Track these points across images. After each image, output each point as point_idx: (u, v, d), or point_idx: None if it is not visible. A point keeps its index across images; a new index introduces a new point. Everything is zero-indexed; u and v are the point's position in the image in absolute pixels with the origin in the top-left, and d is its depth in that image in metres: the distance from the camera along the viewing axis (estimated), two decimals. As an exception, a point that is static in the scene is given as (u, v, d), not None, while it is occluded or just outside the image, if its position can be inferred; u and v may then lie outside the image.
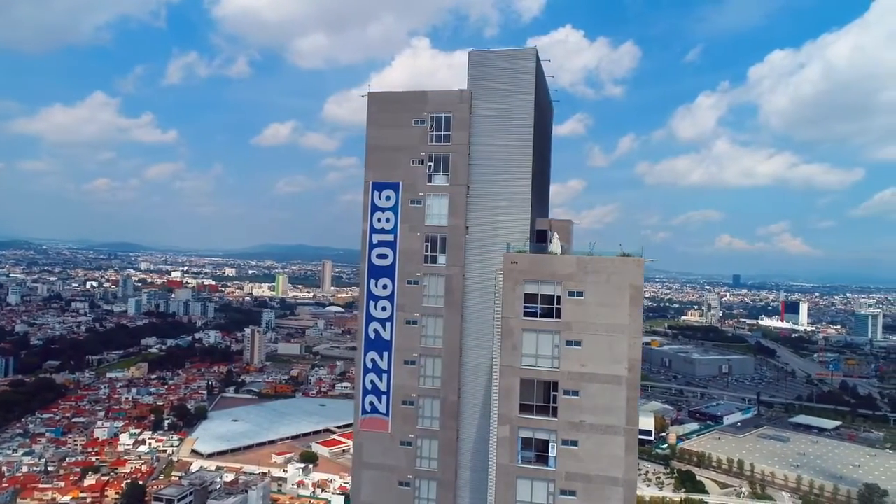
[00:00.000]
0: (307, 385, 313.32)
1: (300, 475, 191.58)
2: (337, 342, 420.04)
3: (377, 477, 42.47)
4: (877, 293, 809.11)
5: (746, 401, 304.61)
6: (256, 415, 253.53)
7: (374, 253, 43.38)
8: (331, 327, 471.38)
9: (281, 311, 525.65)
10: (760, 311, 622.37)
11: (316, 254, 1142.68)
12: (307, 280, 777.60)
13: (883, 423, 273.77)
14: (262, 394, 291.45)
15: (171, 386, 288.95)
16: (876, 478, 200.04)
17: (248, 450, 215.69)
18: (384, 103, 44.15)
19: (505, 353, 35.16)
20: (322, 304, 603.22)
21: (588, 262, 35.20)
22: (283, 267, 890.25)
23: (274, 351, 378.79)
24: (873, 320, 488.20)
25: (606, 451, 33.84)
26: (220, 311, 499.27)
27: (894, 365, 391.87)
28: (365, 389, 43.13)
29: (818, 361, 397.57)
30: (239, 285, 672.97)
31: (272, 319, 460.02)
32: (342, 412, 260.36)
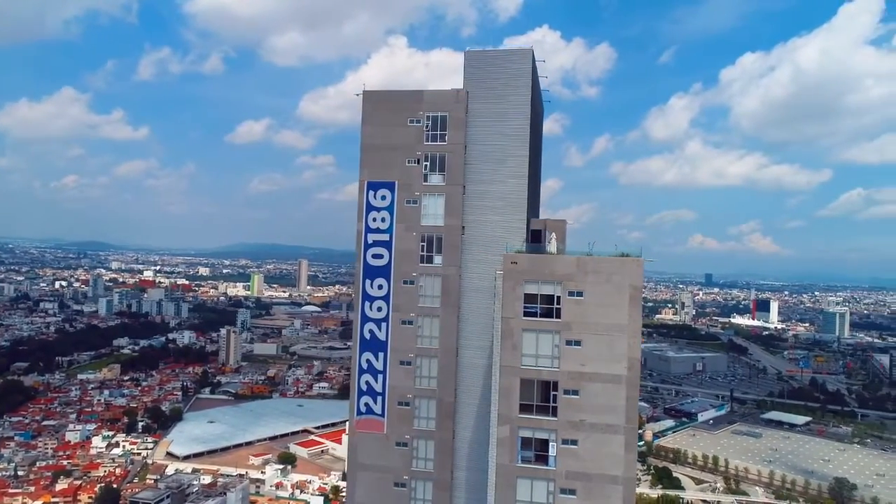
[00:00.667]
0: (284, 385, 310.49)
1: (278, 476, 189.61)
2: (314, 342, 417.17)
3: (373, 478, 42.18)
4: (843, 291, 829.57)
5: (720, 398, 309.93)
6: (233, 416, 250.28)
7: (370, 253, 43.05)
8: (307, 327, 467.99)
9: (256, 310, 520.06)
10: (732, 310, 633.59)
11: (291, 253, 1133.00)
12: (283, 279, 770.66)
13: (851, 419, 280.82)
14: (239, 394, 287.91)
15: (144, 387, 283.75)
16: (845, 472, 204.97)
17: (225, 451, 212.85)
18: (379, 102, 43.83)
19: (505, 353, 35.20)
20: (298, 303, 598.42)
21: (588, 263, 35.42)
22: (257, 266, 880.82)
23: (250, 351, 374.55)
24: (841, 318, 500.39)
25: (606, 449, 34.10)
26: (194, 310, 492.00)
27: (861, 362, 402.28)
28: (360, 390, 42.77)
29: (788, 359, 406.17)
30: (213, 285, 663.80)
31: (248, 319, 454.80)
32: (320, 413, 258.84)
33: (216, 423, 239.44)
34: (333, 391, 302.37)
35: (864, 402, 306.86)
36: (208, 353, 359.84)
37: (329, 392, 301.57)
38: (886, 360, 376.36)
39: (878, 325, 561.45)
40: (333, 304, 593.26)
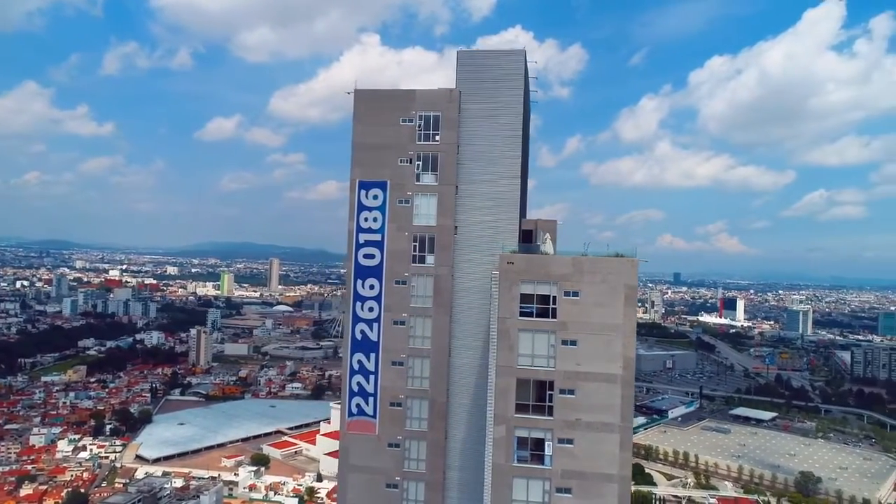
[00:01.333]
0: (256, 386, 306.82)
1: (252, 478, 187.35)
2: (286, 342, 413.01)
3: (364, 480, 41.86)
4: (806, 290, 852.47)
5: (689, 394, 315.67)
6: (204, 417, 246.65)
7: (361, 253, 42.69)
8: (279, 327, 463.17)
9: (227, 310, 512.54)
10: (700, 308, 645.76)
11: (262, 252, 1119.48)
12: (253, 279, 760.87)
13: (815, 414, 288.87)
14: (210, 396, 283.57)
15: (112, 389, 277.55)
16: (810, 465, 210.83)
17: (197, 454, 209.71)
18: (371, 101, 43.49)
19: (501, 353, 35.26)
20: (269, 303, 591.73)
21: (584, 263, 35.69)
22: (227, 265, 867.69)
23: (220, 352, 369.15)
24: (804, 316, 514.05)
25: (602, 448, 34.41)
26: (163, 310, 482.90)
27: (824, 358, 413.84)
28: (351, 391, 42.39)
29: (754, 356, 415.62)
30: (182, 284, 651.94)
31: (218, 319, 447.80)
32: (293, 413, 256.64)
33: (187, 424, 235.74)
34: (306, 392, 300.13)
35: (827, 398, 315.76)
36: (178, 353, 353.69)
37: (302, 392, 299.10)
38: (848, 357, 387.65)
39: (840, 322, 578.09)
40: (305, 304, 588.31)
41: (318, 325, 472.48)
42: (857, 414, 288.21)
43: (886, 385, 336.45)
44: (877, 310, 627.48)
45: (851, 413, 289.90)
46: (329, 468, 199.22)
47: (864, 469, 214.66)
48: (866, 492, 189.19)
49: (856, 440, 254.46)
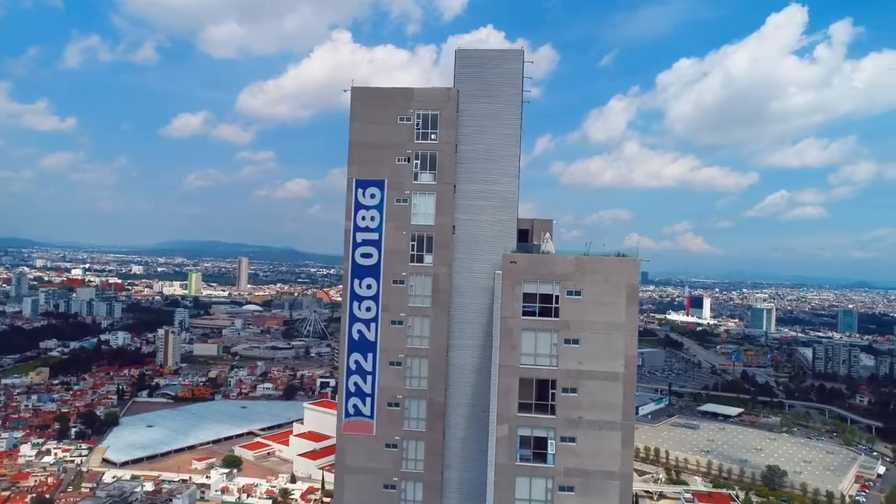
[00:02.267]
0: (227, 387, 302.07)
1: (224, 480, 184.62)
2: (256, 342, 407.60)
3: (361, 481, 41.50)
4: (768, 288, 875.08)
5: (659, 391, 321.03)
6: (173, 419, 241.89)
7: (358, 252, 42.28)
8: (249, 326, 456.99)
9: (195, 310, 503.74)
10: (668, 306, 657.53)
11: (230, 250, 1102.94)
12: (222, 278, 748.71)
13: (779, 409, 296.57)
14: (179, 397, 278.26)
15: (76, 391, 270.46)
16: (776, 459, 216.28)
17: (166, 456, 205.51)
18: (368, 99, 43.08)
19: (504, 353, 35.36)
20: (239, 302, 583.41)
21: (586, 262, 36.01)
22: (194, 264, 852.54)
23: (189, 352, 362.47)
24: (767, 314, 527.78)
25: (604, 446, 34.78)
26: (128, 310, 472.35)
27: (787, 355, 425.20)
28: (348, 392, 41.96)
29: (721, 353, 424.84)
30: (147, 283, 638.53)
31: (186, 319, 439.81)
32: (265, 414, 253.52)
33: (155, 427, 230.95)
34: (278, 392, 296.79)
35: (790, 394, 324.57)
36: (145, 354, 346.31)
37: (274, 393, 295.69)
38: (810, 353, 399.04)
39: (801, 320, 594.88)
40: (275, 303, 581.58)
41: (288, 324, 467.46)
42: (819, 409, 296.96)
43: (846, 380, 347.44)
44: (836, 308, 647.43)
45: (814, 408, 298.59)
46: (303, 469, 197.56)
47: (827, 462, 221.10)
48: (829, 485, 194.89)
49: (818, 434, 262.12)
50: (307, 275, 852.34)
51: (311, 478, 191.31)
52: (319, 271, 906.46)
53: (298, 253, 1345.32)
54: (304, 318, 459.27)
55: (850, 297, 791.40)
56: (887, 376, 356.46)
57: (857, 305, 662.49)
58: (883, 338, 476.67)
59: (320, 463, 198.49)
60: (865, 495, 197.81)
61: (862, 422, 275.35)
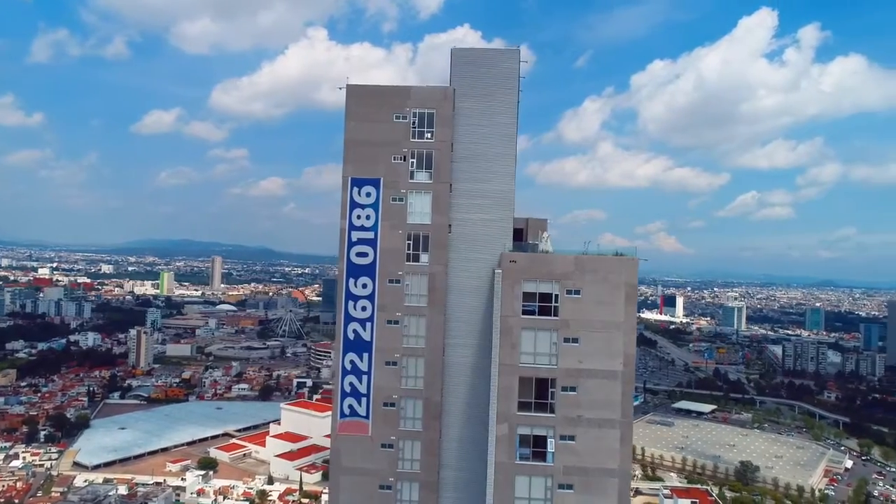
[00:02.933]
0: (201, 388, 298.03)
1: (200, 483, 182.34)
2: (231, 342, 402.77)
3: (356, 482, 41.15)
4: (739, 287, 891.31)
5: (634, 389, 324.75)
6: (146, 421, 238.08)
7: (354, 251, 41.88)
8: (223, 326, 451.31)
9: (167, 310, 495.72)
10: (642, 305, 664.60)
11: (203, 249, 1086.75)
12: (194, 277, 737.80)
13: (751, 406, 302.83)
14: (152, 398, 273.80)
15: (45, 394, 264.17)
16: (748, 455, 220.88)
17: (139, 459, 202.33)
18: (363, 97, 42.68)
19: (504, 352, 35.41)
20: (212, 302, 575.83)
21: (586, 262, 36.25)
22: (166, 263, 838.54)
23: (162, 353, 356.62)
24: (738, 312, 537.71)
25: (603, 444, 35.05)
26: (98, 310, 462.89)
27: (757, 352, 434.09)
28: (343, 392, 41.56)
29: (694, 350, 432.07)
30: (118, 283, 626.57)
31: (158, 319, 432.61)
32: (241, 415, 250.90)
33: (128, 429, 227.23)
34: (254, 393, 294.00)
35: (761, 390, 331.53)
36: (116, 355, 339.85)
37: (249, 394, 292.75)
38: (779, 351, 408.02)
39: (770, 318, 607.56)
40: (250, 303, 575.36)
41: (263, 324, 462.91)
42: (788, 405, 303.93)
43: (814, 377, 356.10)
44: (804, 306, 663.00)
45: (784, 404, 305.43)
46: (280, 470, 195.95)
47: (797, 457, 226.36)
48: (800, 479, 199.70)
49: (789, 430, 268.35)
50: (282, 274, 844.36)
51: (288, 479, 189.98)
52: (294, 270, 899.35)
53: (273, 252, 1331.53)
54: (279, 318, 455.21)
55: (817, 295, 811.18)
56: (853, 373, 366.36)
57: (823, 304, 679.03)
58: (849, 335, 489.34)
59: (298, 464, 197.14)
60: (834, 489, 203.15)
61: (830, 417, 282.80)
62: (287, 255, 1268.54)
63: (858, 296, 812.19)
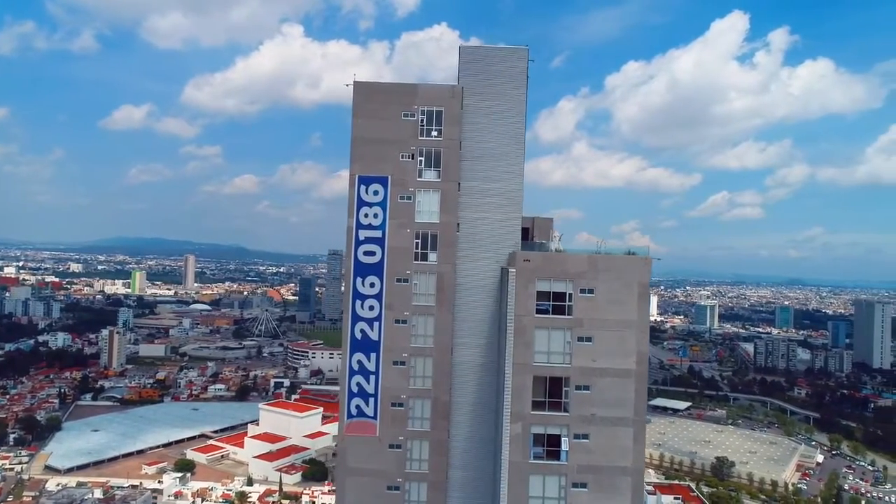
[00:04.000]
0: (176, 388, 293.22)
1: (177, 485, 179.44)
2: (206, 342, 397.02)
3: (364, 483, 40.70)
4: (710, 286, 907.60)
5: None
6: (120, 423, 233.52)
7: (361, 250, 41.38)
8: (197, 326, 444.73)
9: (139, 309, 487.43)
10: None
11: (175, 248, 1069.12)
12: (167, 276, 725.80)
13: (724, 402, 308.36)
14: (125, 400, 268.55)
15: (13, 396, 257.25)
16: (723, 451, 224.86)
17: (114, 461, 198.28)
18: (371, 94, 42.16)
19: (517, 351, 35.35)
20: (186, 301, 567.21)
21: (599, 261, 36.37)
22: (137, 262, 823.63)
23: (135, 353, 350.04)
24: (711, 310, 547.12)
25: (616, 442, 35.21)
26: (67, 310, 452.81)
27: (730, 350, 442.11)
28: (351, 392, 41.05)
29: (668, 349, 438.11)
30: (87, 282, 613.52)
31: (130, 319, 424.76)
32: (218, 416, 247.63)
33: (101, 431, 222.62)
34: (231, 393, 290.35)
35: (734, 387, 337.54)
36: (87, 356, 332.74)
37: (226, 394, 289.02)
38: (751, 349, 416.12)
39: (741, 316, 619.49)
40: (224, 302, 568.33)
41: (239, 323, 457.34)
42: (761, 401, 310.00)
43: (785, 374, 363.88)
44: (773, 304, 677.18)
45: (756, 400, 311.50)
46: (259, 471, 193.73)
47: (771, 453, 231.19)
48: (773, 474, 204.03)
49: (762, 426, 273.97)
50: (256, 273, 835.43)
51: (267, 480, 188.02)
52: (269, 269, 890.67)
53: (247, 251, 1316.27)
54: (255, 318, 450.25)
55: (786, 294, 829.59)
56: (822, 369, 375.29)
57: (792, 302, 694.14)
58: (817, 333, 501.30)
59: (277, 464, 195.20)
60: (806, 483, 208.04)
61: (800, 413, 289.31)
62: (261, 253, 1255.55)
63: (825, 294, 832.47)
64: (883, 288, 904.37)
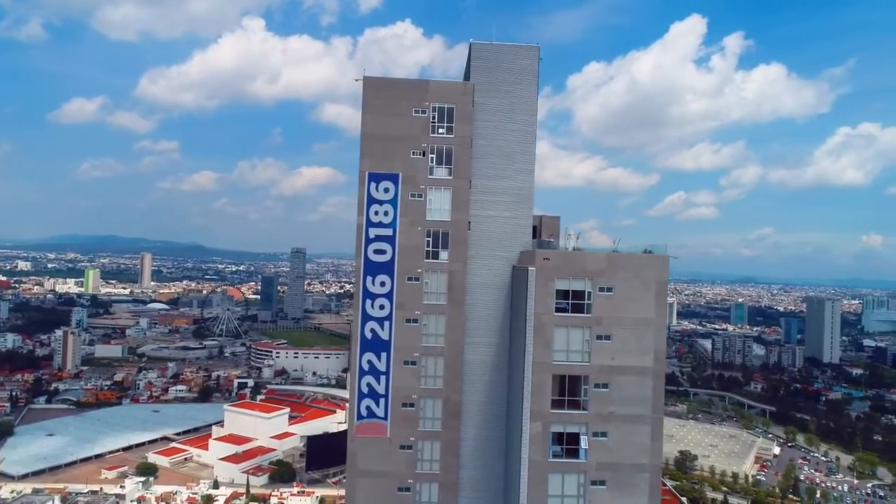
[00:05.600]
0: (135, 390, 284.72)
1: (140, 489, 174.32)
2: (165, 342, 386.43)
3: (374, 485, 40.02)
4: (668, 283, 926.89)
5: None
6: (77, 427, 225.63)
7: (371, 248, 40.62)
8: (155, 325, 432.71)
9: (93, 309, 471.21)
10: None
11: (129, 246, 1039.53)
12: (122, 274, 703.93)
13: (685, 398, 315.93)
14: (82, 403, 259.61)
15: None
16: (686, 445, 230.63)
17: (72, 466, 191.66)
18: (381, 89, 41.39)
19: (537, 349, 35.24)
20: (143, 300, 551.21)
21: (618, 259, 36.57)
22: (90, 260, 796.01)
23: (91, 354, 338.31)
24: (670, 308, 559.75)
25: (634, 439, 35.49)
26: (17, 310, 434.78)
27: (688, 346, 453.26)
28: (361, 393, 40.29)
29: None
30: (37, 281, 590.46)
31: (84, 319, 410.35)
32: (180, 418, 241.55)
33: (57, 435, 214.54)
34: (192, 394, 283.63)
35: (694, 383, 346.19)
36: (39, 357, 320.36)
37: (188, 395, 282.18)
38: (709, 345, 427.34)
39: (698, 313, 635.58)
40: (182, 301, 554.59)
41: (199, 323, 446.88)
42: (720, 396, 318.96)
43: (742, 369, 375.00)
44: (728, 301, 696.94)
45: (715, 395, 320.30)
46: (225, 474, 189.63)
47: (731, 446, 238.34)
48: (734, 466, 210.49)
49: (721, 420, 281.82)
50: (215, 271, 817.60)
51: (233, 482, 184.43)
52: (228, 268, 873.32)
53: (205, 249, 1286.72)
54: (215, 317, 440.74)
55: (740, 291, 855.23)
56: (776, 364, 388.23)
57: (746, 299, 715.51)
58: (770, 329, 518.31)
59: (244, 466, 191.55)
60: (765, 475, 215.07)
61: (757, 407, 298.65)
62: (220, 251, 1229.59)
63: (776, 291, 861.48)
64: (830, 285, 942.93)
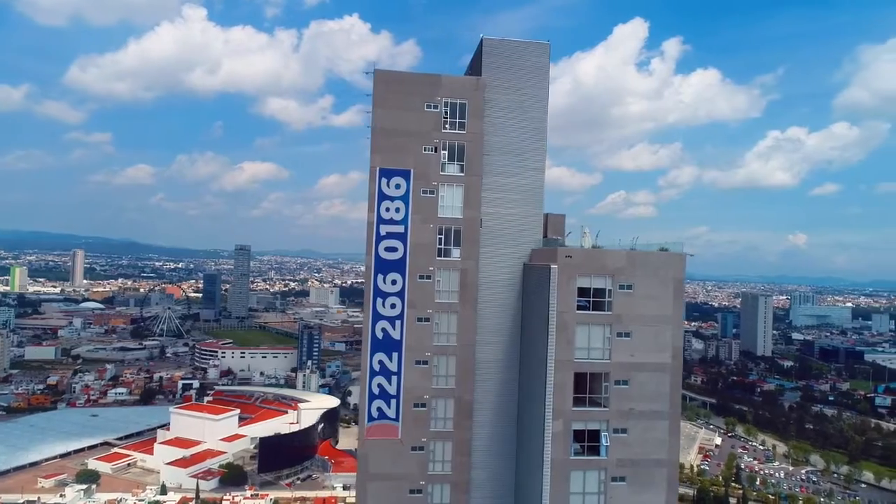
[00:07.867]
0: (71, 394, 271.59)
1: (81, 498, 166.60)
2: (101, 342, 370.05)
3: (386, 487, 38.99)
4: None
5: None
6: (8, 433, 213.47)
7: (382, 246, 39.52)
8: (90, 326, 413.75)
9: (21, 308, 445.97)
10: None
11: (58, 242, 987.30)
12: (51, 272, 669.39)
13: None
14: (13, 408, 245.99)
15: None
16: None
17: (5, 476, 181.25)
18: (392, 83, 40.26)
19: (559, 347, 35.16)
20: (75, 299, 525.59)
21: (637, 257, 36.90)
22: (15, 257, 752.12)
23: (20, 356, 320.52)
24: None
25: (653, 435, 35.96)
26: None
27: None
28: (371, 394, 39.16)
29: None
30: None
31: (11, 319, 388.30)
32: (121, 422, 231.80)
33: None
34: (134, 397, 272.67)
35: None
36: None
37: (128, 398, 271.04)
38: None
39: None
40: (118, 300, 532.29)
41: (137, 322, 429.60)
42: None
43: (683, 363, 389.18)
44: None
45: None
46: (173, 479, 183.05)
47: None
48: (680, 457, 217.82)
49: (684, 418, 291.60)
50: (153, 269, 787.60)
51: (182, 487, 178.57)
52: (166, 265, 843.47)
53: (140, 245, 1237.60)
54: (155, 316, 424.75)
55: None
56: (714, 358, 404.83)
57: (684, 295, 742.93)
58: (706, 324, 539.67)
59: (192, 470, 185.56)
60: (708, 464, 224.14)
61: (699, 399, 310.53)
62: (156, 248, 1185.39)
63: (710, 288, 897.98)
64: (759, 282, 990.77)
